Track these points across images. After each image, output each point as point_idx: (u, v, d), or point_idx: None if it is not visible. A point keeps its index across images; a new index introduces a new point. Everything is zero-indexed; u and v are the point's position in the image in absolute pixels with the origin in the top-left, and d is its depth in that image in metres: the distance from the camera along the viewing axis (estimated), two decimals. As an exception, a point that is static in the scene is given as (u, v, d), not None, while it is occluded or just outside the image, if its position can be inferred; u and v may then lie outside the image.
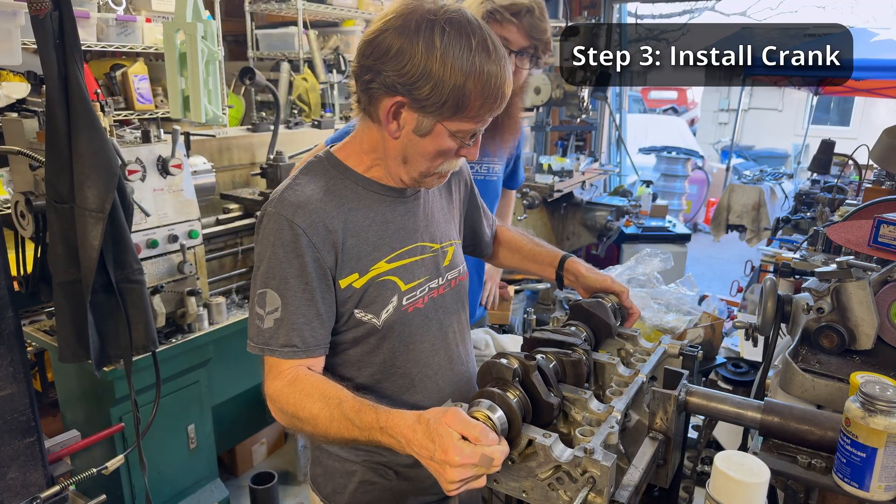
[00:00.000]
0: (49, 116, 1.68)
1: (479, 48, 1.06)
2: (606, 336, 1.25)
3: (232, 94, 4.22)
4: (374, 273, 1.20)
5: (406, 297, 1.23)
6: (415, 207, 1.28)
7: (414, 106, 1.09)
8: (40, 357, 2.95)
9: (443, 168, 1.19)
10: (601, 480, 0.87)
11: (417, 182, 1.21)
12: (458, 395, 1.33)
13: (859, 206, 1.91)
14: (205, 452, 2.67)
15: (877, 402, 0.85)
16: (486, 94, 1.07)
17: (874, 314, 1.22)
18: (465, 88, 1.05)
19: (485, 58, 1.06)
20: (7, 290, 1.54)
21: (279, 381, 1.13)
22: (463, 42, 1.05)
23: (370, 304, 1.19)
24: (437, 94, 1.06)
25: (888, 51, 6.63)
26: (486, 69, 1.06)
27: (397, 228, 1.24)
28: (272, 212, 1.14)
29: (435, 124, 1.10)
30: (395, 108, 1.10)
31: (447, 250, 1.34)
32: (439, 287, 1.31)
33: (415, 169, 1.18)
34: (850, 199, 3.37)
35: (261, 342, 1.14)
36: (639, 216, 5.20)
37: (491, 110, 1.11)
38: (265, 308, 1.13)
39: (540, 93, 4.34)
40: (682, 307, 1.90)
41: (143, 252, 2.25)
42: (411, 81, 1.06)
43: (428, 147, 1.13)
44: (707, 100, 14.13)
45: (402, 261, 1.24)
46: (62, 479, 1.74)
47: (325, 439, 1.10)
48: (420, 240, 1.28)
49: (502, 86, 1.09)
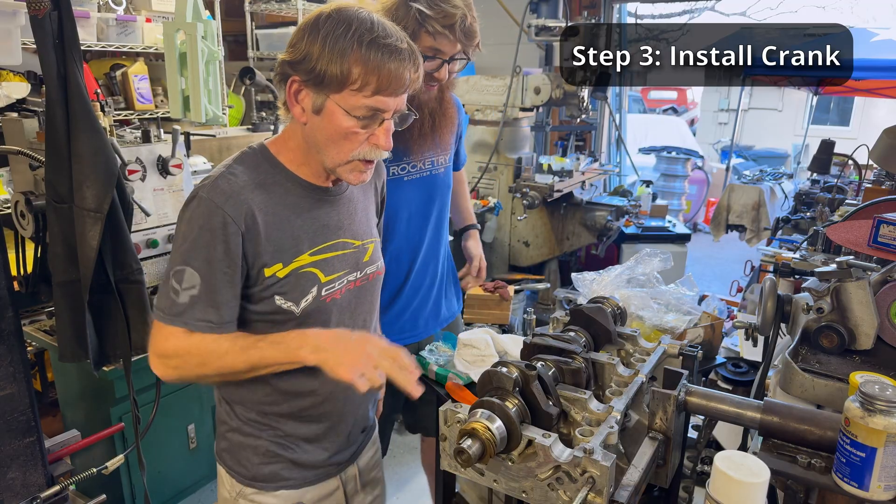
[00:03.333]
0: (49, 116, 1.68)
1: (359, 29, 1.16)
2: (606, 341, 1.25)
3: (232, 94, 4.22)
4: (296, 265, 1.28)
5: (325, 287, 1.32)
6: (338, 206, 1.37)
7: (306, 82, 1.19)
8: (40, 357, 2.94)
9: (356, 154, 1.24)
10: (601, 480, 0.87)
11: (333, 173, 1.29)
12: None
13: (859, 206, 1.91)
14: (205, 452, 2.67)
15: (876, 401, 0.85)
16: (367, 65, 1.15)
17: (874, 314, 1.22)
18: (344, 60, 1.15)
19: (367, 38, 1.15)
20: (7, 290, 1.55)
21: (176, 340, 1.21)
22: (343, 24, 1.16)
23: (290, 292, 1.27)
24: (319, 66, 1.16)
25: (888, 51, 6.63)
26: (365, 46, 1.15)
27: (321, 225, 1.33)
28: (205, 196, 1.21)
29: (325, 100, 1.19)
30: (294, 88, 1.21)
31: (367, 247, 1.44)
32: (356, 280, 1.40)
33: (328, 157, 1.25)
34: (850, 199, 3.37)
35: (173, 314, 1.20)
36: (639, 216, 5.19)
37: (380, 86, 1.17)
38: (181, 284, 1.20)
39: (540, 93, 4.33)
40: (681, 307, 1.90)
41: (143, 252, 2.25)
42: (299, 59, 1.18)
43: (328, 128, 1.21)
44: (707, 100, 14.12)
45: (323, 255, 1.32)
46: (62, 478, 1.74)
47: (231, 370, 1.22)
48: (342, 236, 1.37)
49: (387, 63, 1.16)
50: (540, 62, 4.80)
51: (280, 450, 1.39)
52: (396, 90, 1.20)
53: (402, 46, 1.19)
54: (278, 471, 1.39)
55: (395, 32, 1.20)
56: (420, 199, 1.99)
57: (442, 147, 2.00)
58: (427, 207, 2.03)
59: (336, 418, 1.43)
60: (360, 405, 1.49)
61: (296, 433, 1.39)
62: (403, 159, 1.91)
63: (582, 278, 1.92)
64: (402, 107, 1.25)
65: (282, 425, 1.38)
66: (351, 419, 1.46)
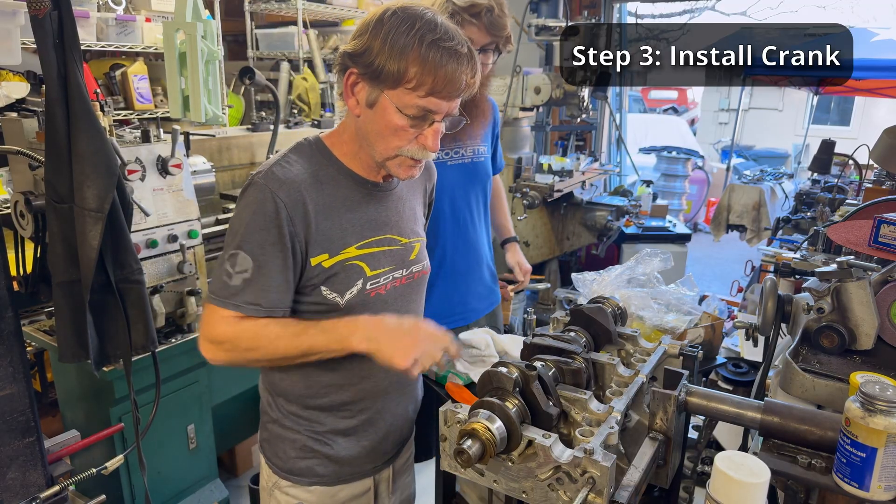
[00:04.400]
0: (48, 116, 1.67)
1: (423, 29, 1.16)
2: (606, 342, 1.25)
3: (232, 93, 4.22)
4: (343, 256, 1.30)
5: (370, 282, 1.34)
6: (387, 202, 1.39)
7: (363, 75, 1.20)
8: (40, 357, 2.94)
9: (403, 151, 1.25)
10: (601, 481, 0.86)
11: (383, 167, 1.30)
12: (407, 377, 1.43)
13: (859, 206, 1.91)
14: (205, 452, 2.67)
15: (877, 401, 0.85)
16: (424, 66, 1.15)
17: (874, 314, 1.22)
18: (402, 58, 1.15)
19: (429, 38, 1.15)
20: (7, 290, 1.54)
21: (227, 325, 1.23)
22: (407, 23, 1.17)
23: (336, 283, 1.29)
24: (378, 61, 1.17)
25: (888, 51, 6.63)
26: (425, 46, 1.15)
27: (369, 219, 1.35)
28: (260, 182, 1.23)
29: (380, 95, 1.20)
30: (352, 80, 1.23)
31: (414, 245, 1.45)
32: (402, 277, 1.41)
33: (377, 151, 1.27)
34: (851, 199, 3.37)
35: (225, 296, 1.22)
36: (639, 216, 5.19)
37: (435, 87, 1.17)
38: (235, 268, 1.22)
39: (540, 93, 4.33)
40: (682, 307, 1.89)
41: (143, 252, 2.24)
42: (360, 52, 1.19)
43: (379, 122, 1.22)
44: (707, 100, 14.13)
45: (370, 248, 1.34)
46: (62, 479, 1.74)
47: (282, 355, 1.25)
48: (389, 232, 1.38)
49: (445, 66, 1.16)
50: (540, 62, 4.80)
51: (317, 445, 1.40)
52: (451, 93, 1.20)
53: (463, 51, 1.19)
54: (313, 466, 1.41)
55: (456, 35, 1.20)
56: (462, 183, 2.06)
57: (476, 135, 2.07)
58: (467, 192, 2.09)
59: (374, 414, 1.43)
60: (398, 403, 1.49)
61: (334, 428, 1.40)
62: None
63: (582, 278, 1.92)
64: (454, 110, 1.25)
65: (321, 419, 1.39)
66: (389, 417, 1.47)
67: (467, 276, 2.14)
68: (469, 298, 2.18)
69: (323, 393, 1.38)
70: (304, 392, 1.38)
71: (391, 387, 1.44)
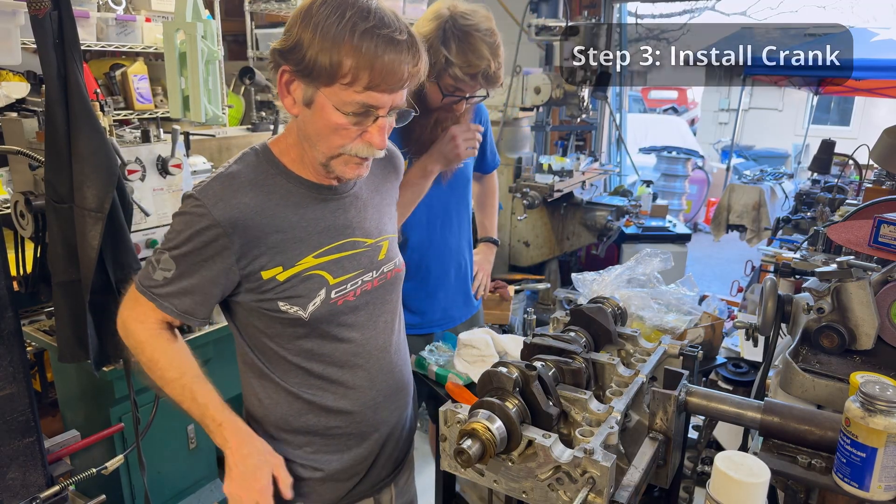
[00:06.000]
0: (48, 116, 1.68)
1: (354, 17, 1.07)
2: (606, 342, 1.25)
3: (232, 93, 4.21)
4: (299, 268, 1.23)
5: (335, 290, 1.27)
6: (346, 204, 1.31)
7: (297, 72, 1.12)
8: (40, 357, 2.94)
9: (348, 150, 1.17)
10: (601, 481, 0.86)
11: (328, 167, 1.21)
12: (388, 381, 1.40)
13: (859, 206, 1.91)
14: (204, 452, 2.67)
15: (877, 401, 0.85)
16: (359, 60, 1.07)
17: (874, 314, 1.22)
18: (335, 51, 1.07)
19: (362, 27, 1.07)
20: (7, 290, 1.54)
21: (144, 326, 1.23)
22: (338, 11, 1.08)
23: (295, 296, 1.23)
24: (309, 56, 1.09)
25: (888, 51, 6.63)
26: (358, 36, 1.07)
27: (327, 225, 1.27)
28: (196, 197, 1.18)
29: (315, 93, 1.13)
30: (285, 79, 1.15)
31: (381, 244, 1.37)
32: (373, 280, 1.34)
33: (319, 151, 1.19)
34: (851, 199, 3.37)
35: (147, 286, 1.22)
36: (639, 216, 5.19)
37: (376, 84, 1.10)
38: (160, 265, 1.21)
39: (540, 93, 4.33)
40: (682, 307, 1.89)
41: (143, 252, 2.24)
42: (290, 48, 1.11)
43: (318, 122, 1.15)
44: (707, 100, 14.12)
45: (330, 255, 1.27)
46: (62, 479, 1.74)
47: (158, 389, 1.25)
48: (352, 235, 1.31)
49: (382, 56, 1.08)
50: (540, 62, 4.80)
51: (306, 472, 1.34)
52: (392, 86, 1.11)
53: (401, 38, 1.10)
54: (306, 492, 1.34)
55: (393, 22, 1.10)
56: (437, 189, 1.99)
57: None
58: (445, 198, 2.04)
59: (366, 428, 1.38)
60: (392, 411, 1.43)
61: (325, 448, 1.35)
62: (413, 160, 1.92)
63: (582, 278, 1.92)
64: (399, 103, 1.16)
65: (310, 440, 1.34)
66: (385, 427, 1.42)
67: (444, 282, 2.09)
68: (447, 305, 2.14)
69: (307, 410, 1.32)
70: (286, 412, 1.32)
71: (379, 396, 1.38)
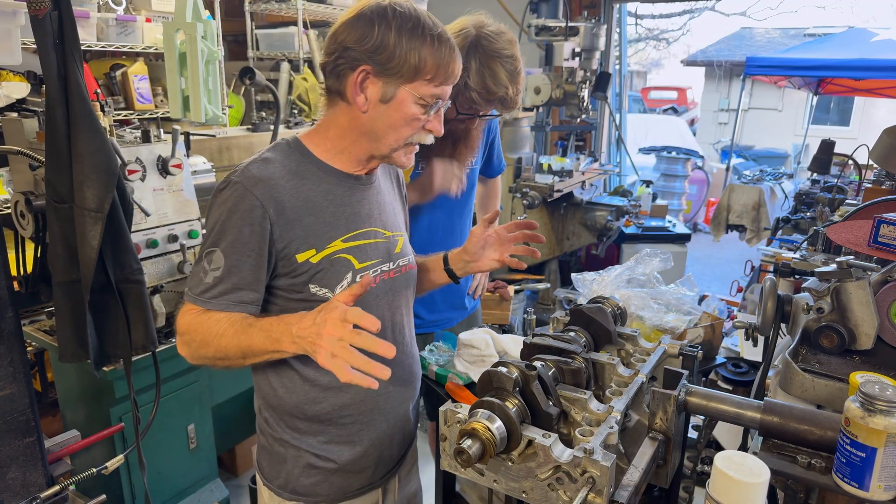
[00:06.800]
0: (49, 116, 1.68)
1: (423, 24, 1.23)
2: (606, 342, 1.25)
3: (232, 94, 4.22)
4: (330, 250, 1.29)
5: (360, 275, 1.32)
6: (369, 195, 1.39)
7: (377, 72, 1.22)
8: (40, 357, 2.95)
9: (413, 139, 1.31)
10: (601, 480, 0.87)
11: (391, 159, 1.33)
12: (399, 371, 1.43)
13: (859, 206, 1.91)
14: (205, 452, 2.67)
15: (876, 401, 0.85)
16: (438, 58, 1.23)
17: (874, 314, 1.22)
18: (419, 51, 1.21)
19: (433, 33, 1.23)
20: (7, 290, 1.54)
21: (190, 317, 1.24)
22: (412, 20, 1.22)
23: (325, 278, 1.28)
24: (396, 57, 1.20)
25: (888, 51, 6.64)
26: (435, 41, 1.23)
27: (353, 212, 1.34)
28: (235, 181, 1.23)
29: (398, 89, 1.23)
30: (361, 78, 1.23)
31: (398, 239, 1.45)
32: (390, 271, 1.41)
33: (385, 144, 1.29)
34: (850, 199, 3.37)
35: (196, 293, 1.23)
36: (639, 216, 5.20)
37: (446, 76, 1.26)
38: (210, 265, 1.23)
39: (540, 93, 4.33)
40: (682, 307, 1.90)
41: (143, 252, 2.25)
42: (372, 49, 1.20)
43: (394, 115, 1.26)
44: (707, 100, 14.12)
45: (356, 241, 1.34)
46: (62, 478, 1.74)
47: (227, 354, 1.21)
48: (373, 225, 1.38)
49: (448, 55, 1.25)
50: (540, 62, 4.79)
51: (320, 462, 1.37)
52: (453, 80, 1.29)
53: (454, 41, 1.29)
54: (319, 482, 1.38)
55: (443, 28, 1.29)
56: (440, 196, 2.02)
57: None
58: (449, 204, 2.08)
59: (376, 415, 1.41)
60: (400, 402, 1.46)
61: (337, 438, 1.37)
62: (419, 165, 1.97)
63: (582, 278, 1.92)
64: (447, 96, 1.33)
65: (323, 430, 1.36)
66: (392, 417, 1.44)
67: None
68: (443, 308, 2.18)
69: (322, 398, 1.34)
70: (302, 399, 1.34)
71: (390, 384, 1.41)
